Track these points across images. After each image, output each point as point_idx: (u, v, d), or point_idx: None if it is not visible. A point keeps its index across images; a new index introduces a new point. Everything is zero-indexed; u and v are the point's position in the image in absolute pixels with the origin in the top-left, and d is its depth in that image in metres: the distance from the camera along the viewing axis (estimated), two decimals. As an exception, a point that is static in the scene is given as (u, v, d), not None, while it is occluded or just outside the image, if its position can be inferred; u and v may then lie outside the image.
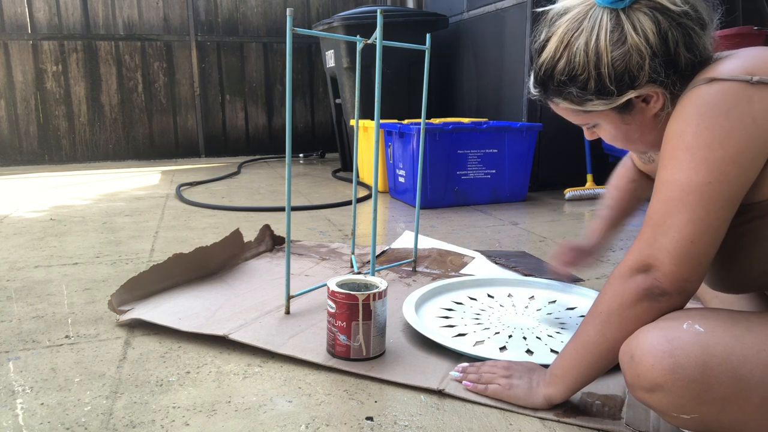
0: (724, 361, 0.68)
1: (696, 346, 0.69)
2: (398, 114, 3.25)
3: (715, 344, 0.69)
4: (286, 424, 0.86)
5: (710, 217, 0.70)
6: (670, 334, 0.71)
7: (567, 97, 0.80)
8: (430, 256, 1.71)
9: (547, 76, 0.81)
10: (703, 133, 0.70)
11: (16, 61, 4.15)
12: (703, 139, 0.70)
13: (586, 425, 0.85)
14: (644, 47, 0.73)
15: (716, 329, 0.70)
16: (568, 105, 0.81)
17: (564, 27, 0.78)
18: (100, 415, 0.89)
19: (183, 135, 4.61)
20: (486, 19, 3.19)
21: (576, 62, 0.77)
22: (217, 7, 4.54)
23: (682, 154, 0.71)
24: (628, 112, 0.79)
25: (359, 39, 1.36)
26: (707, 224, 0.70)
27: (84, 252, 1.84)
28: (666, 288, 0.73)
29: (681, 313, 0.74)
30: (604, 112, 0.80)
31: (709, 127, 0.70)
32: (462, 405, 0.91)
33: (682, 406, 0.70)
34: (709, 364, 0.68)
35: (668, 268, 0.72)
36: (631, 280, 0.75)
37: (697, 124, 0.70)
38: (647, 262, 0.73)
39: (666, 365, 0.69)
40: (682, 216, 0.71)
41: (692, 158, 0.70)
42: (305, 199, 2.77)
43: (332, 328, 1.04)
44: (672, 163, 0.72)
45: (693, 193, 0.70)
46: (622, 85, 0.75)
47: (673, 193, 0.72)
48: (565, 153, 2.97)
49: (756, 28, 2.38)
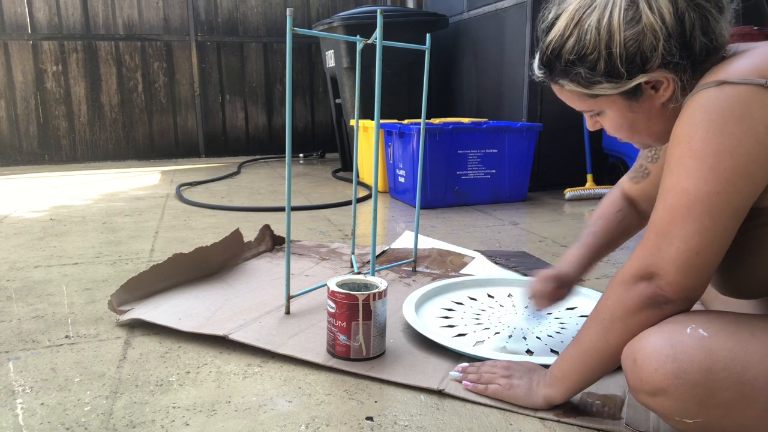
0: (727, 366, 0.68)
1: (699, 351, 0.69)
2: (398, 114, 3.25)
3: (718, 349, 0.68)
4: (286, 424, 0.86)
5: (717, 227, 0.69)
6: (673, 338, 0.70)
7: (574, 79, 0.76)
8: (430, 256, 1.71)
9: (554, 55, 0.77)
10: (712, 140, 0.67)
11: (16, 61, 4.15)
12: (712, 146, 0.67)
13: (586, 425, 0.85)
14: (659, 27, 0.70)
15: (720, 334, 0.70)
16: (574, 87, 0.78)
17: (576, 4, 0.75)
18: (100, 415, 0.89)
19: (183, 135, 4.61)
20: (486, 19, 3.19)
21: (586, 40, 0.73)
22: (217, 7, 4.54)
23: (690, 161, 0.69)
24: (636, 99, 0.76)
25: (359, 39, 1.36)
26: (714, 235, 0.69)
27: (84, 252, 1.84)
28: (670, 296, 0.72)
29: (685, 316, 0.73)
30: (611, 97, 0.77)
31: (718, 134, 0.67)
32: (462, 405, 0.91)
33: (684, 411, 0.70)
34: (713, 369, 0.68)
35: (672, 278, 0.71)
36: (634, 288, 0.74)
37: (706, 130, 0.68)
38: (651, 270, 0.72)
39: (669, 370, 0.69)
40: (688, 226, 0.69)
41: (700, 166, 0.68)
42: (305, 199, 2.77)
43: (332, 328, 1.04)
44: (679, 170, 0.70)
45: (700, 203, 0.68)
46: (633, 67, 0.72)
47: (679, 202, 0.70)
48: (565, 153, 2.97)
49: (756, 28, 2.38)
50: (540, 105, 2.88)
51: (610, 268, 1.65)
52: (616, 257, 1.76)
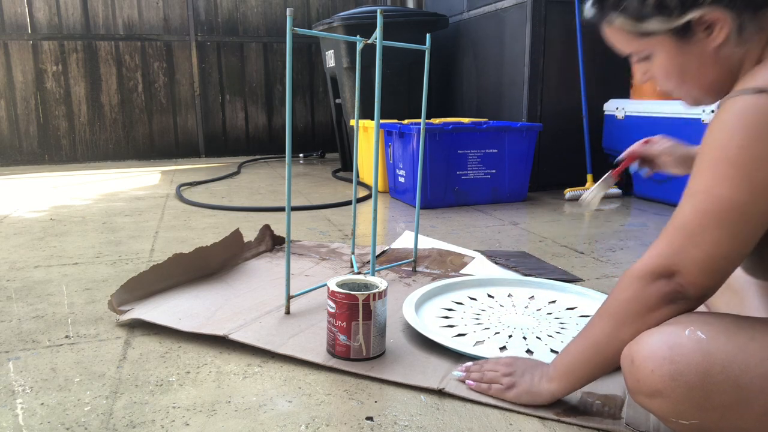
0: (725, 369, 0.67)
1: (697, 354, 0.68)
2: (398, 114, 3.25)
3: (716, 352, 0.68)
4: (286, 424, 0.86)
5: (748, 235, 0.69)
6: (671, 340, 0.70)
7: (624, 11, 0.74)
8: (430, 256, 1.71)
9: None
10: (749, 149, 0.66)
11: (16, 61, 4.15)
12: (749, 156, 0.66)
13: (586, 425, 0.85)
14: None
15: (719, 336, 0.69)
16: (624, 21, 0.75)
17: None
18: (100, 415, 0.89)
19: (183, 135, 4.61)
20: (486, 19, 3.19)
21: None
22: (217, 7, 4.54)
23: (725, 168, 0.68)
24: (688, 40, 0.73)
25: (359, 39, 1.36)
26: (742, 241, 0.69)
27: (84, 252, 1.84)
28: (689, 294, 0.72)
29: (684, 317, 0.73)
30: (660, 37, 0.74)
31: (756, 145, 0.66)
32: (462, 405, 0.91)
33: (681, 413, 0.70)
34: (710, 372, 0.68)
35: (695, 279, 0.71)
36: (652, 285, 0.73)
37: (743, 138, 0.67)
38: (672, 269, 0.72)
39: (665, 372, 0.69)
40: (719, 232, 0.69)
41: (735, 174, 0.67)
42: (305, 199, 2.77)
43: (332, 328, 1.04)
44: (712, 174, 0.69)
45: (733, 212, 0.68)
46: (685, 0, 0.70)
47: (711, 207, 0.69)
48: (565, 153, 2.97)
49: (756, 28, 2.37)
50: (540, 105, 2.89)
51: (610, 267, 1.65)
52: (617, 258, 1.76)
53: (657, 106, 2.54)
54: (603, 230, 2.13)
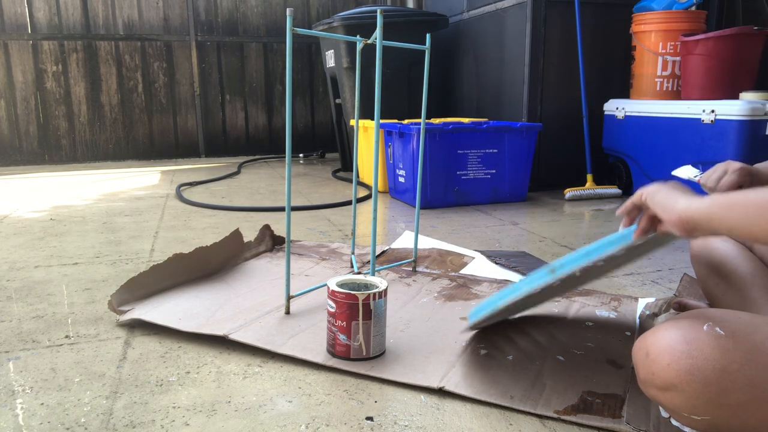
0: (742, 367, 0.67)
1: (716, 350, 0.68)
2: (398, 114, 3.25)
3: (735, 349, 0.68)
4: (286, 424, 0.86)
5: None
6: (689, 334, 0.70)
7: None
8: (430, 256, 1.71)
9: None
10: None
11: (16, 61, 4.15)
12: None
13: (587, 423, 0.85)
14: None
15: (737, 334, 0.69)
16: None
17: None
18: (100, 415, 0.89)
19: (183, 135, 4.61)
20: (486, 19, 3.19)
21: None
22: (217, 7, 4.54)
23: None
24: None
25: (359, 39, 1.36)
26: None
27: (84, 252, 1.84)
28: None
29: (701, 313, 0.73)
30: None
31: None
32: (462, 405, 0.91)
33: (694, 408, 0.70)
34: (728, 369, 0.68)
35: None
36: None
37: None
38: None
39: (682, 366, 0.69)
40: None
41: None
42: (305, 199, 2.77)
43: (332, 327, 1.04)
44: None
45: None
46: None
47: None
48: (565, 153, 2.97)
49: (756, 28, 2.38)
50: (540, 105, 2.89)
51: (610, 267, 1.65)
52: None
53: (657, 106, 2.54)
54: (603, 230, 2.13)
